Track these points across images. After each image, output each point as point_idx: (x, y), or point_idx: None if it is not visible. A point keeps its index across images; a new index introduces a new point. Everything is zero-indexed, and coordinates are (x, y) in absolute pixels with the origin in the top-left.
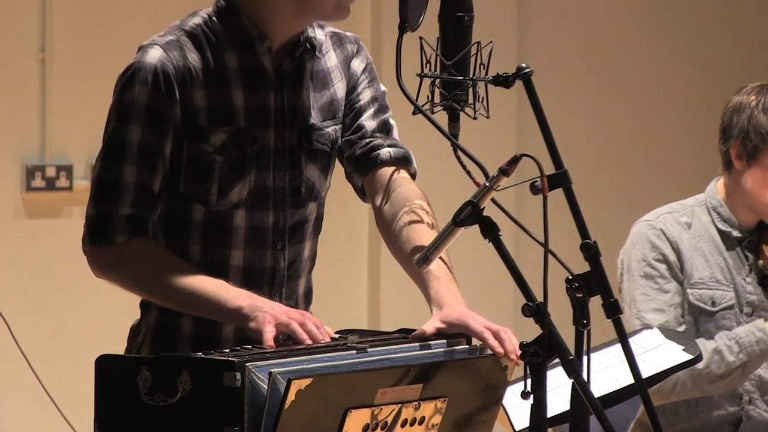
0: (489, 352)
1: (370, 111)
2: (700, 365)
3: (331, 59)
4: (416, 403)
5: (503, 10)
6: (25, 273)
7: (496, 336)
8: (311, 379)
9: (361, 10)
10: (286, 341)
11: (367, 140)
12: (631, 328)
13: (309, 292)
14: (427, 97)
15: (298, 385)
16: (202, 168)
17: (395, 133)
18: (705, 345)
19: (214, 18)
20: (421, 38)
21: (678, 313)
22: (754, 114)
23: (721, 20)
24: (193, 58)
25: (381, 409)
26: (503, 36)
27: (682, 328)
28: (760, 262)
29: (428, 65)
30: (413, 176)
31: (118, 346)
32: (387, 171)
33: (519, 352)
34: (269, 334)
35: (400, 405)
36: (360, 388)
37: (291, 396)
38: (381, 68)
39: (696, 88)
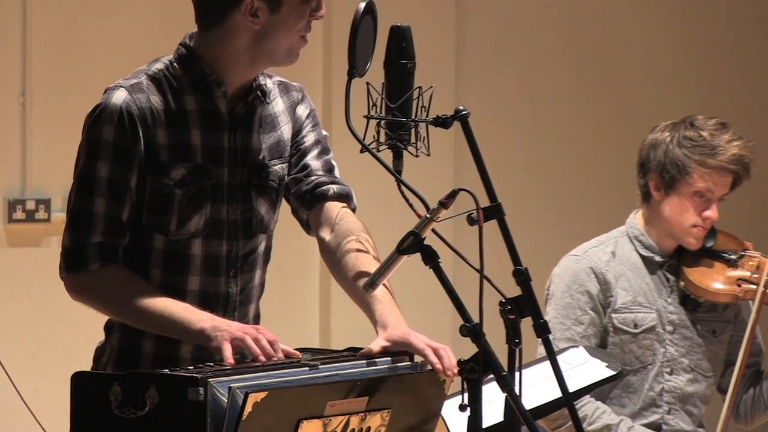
0: (429, 367)
1: (315, 152)
2: (590, 428)
3: (278, 105)
4: (363, 414)
5: (442, 58)
6: (7, 297)
7: (436, 353)
8: (267, 393)
9: (313, 58)
10: (245, 359)
11: (312, 178)
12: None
13: (257, 316)
14: (374, 136)
15: (254, 398)
16: (163, 200)
17: (337, 172)
18: (610, 417)
19: (176, 64)
20: (368, 83)
21: (590, 343)
22: (670, 148)
23: (636, 65)
24: (156, 100)
25: (330, 420)
26: (442, 81)
27: None
28: (682, 283)
29: (374, 108)
30: (353, 211)
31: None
32: (331, 206)
33: (456, 368)
34: (228, 352)
35: (348, 416)
36: (311, 401)
37: (248, 408)
38: (331, 110)
39: (614, 130)
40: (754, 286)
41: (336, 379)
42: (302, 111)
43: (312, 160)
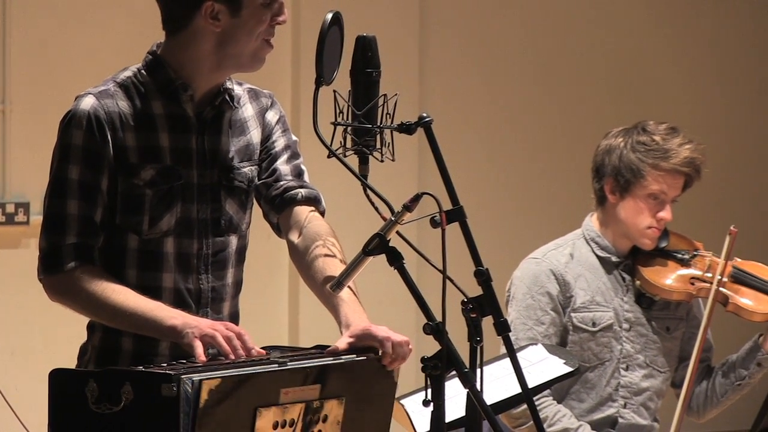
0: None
1: (284, 157)
2: (549, 430)
3: (247, 110)
4: (318, 402)
5: (406, 67)
6: None
7: (394, 344)
8: (220, 380)
9: (282, 67)
10: (217, 356)
11: (282, 182)
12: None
13: (235, 314)
14: (340, 142)
15: (208, 385)
16: (135, 201)
17: (306, 176)
18: (570, 421)
19: (143, 71)
20: (335, 91)
21: (551, 342)
22: (624, 153)
23: (593, 75)
24: (124, 105)
25: (288, 408)
26: (406, 89)
27: None
28: (637, 282)
29: (341, 115)
30: (322, 214)
31: (69, 361)
32: (300, 209)
33: (399, 363)
34: (199, 350)
35: (305, 404)
36: (265, 389)
37: (204, 395)
38: (300, 117)
39: (571, 137)
40: (706, 284)
41: (287, 367)
42: (271, 116)
43: (281, 165)
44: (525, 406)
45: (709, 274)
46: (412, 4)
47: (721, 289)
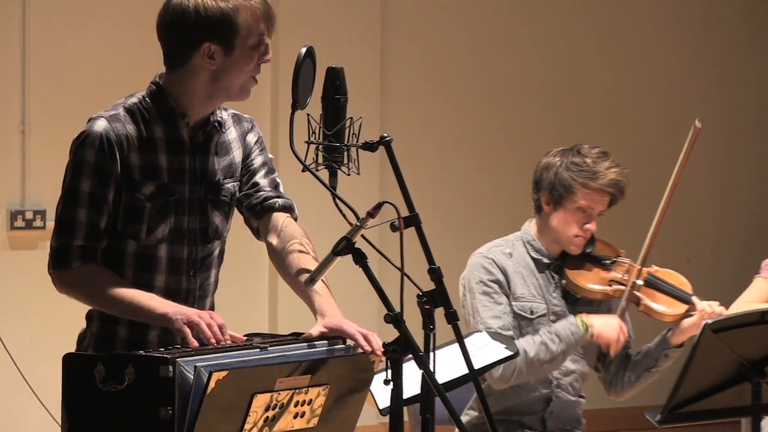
0: (360, 350)
1: (262, 172)
2: (531, 354)
3: (231, 133)
4: (305, 388)
5: (370, 93)
6: (9, 292)
7: (366, 338)
8: (227, 372)
9: (262, 94)
10: (204, 343)
11: (261, 193)
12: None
13: (211, 307)
14: (313, 158)
15: (217, 376)
16: (136, 212)
17: (281, 188)
18: (533, 338)
19: (147, 98)
20: (308, 115)
21: (510, 317)
22: (559, 171)
23: (533, 100)
24: (130, 128)
25: (279, 393)
26: (370, 112)
27: (511, 332)
28: (564, 281)
29: (314, 135)
30: (296, 220)
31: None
32: (277, 216)
33: (382, 349)
34: (190, 336)
35: (293, 390)
36: (264, 378)
37: (212, 384)
38: (278, 137)
39: (513, 154)
40: (622, 287)
41: (284, 360)
42: (251, 138)
43: (260, 179)
44: (505, 367)
45: (626, 277)
46: (375, 39)
47: (635, 291)
